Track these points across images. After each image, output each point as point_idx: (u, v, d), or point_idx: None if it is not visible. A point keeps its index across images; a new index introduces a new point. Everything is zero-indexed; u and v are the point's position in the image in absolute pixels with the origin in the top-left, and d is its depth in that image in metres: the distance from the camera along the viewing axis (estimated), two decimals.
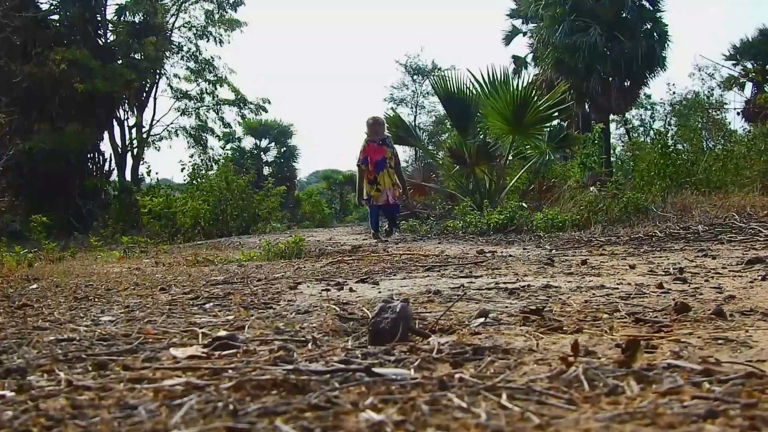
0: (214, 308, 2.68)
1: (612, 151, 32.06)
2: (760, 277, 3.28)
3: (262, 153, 43.74)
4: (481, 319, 2.10)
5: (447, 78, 14.08)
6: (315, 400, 1.20)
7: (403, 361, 1.54)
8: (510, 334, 1.87)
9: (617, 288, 3.08)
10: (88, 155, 26.68)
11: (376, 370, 1.41)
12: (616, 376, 1.29)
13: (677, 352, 1.56)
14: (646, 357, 1.51)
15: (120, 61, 26.41)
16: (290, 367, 1.43)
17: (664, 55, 29.85)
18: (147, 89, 28.84)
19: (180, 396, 1.28)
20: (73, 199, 23.51)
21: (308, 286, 3.62)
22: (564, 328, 1.95)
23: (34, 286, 4.79)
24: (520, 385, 1.26)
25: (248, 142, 43.74)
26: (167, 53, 28.79)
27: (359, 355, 1.61)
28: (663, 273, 3.73)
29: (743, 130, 24.31)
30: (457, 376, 1.34)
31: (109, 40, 27.68)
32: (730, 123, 30.71)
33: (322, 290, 3.35)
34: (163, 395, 1.30)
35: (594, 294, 2.89)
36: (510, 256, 5.50)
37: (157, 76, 29.23)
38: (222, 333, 1.86)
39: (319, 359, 1.60)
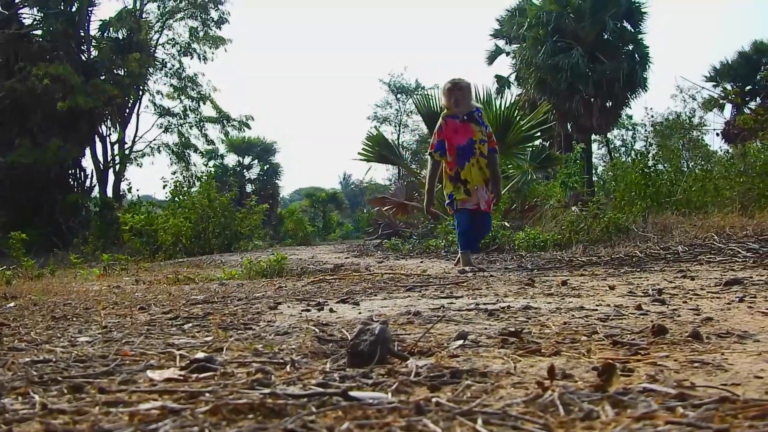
0: (193, 329, 2.67)
1: (594, 171, 32.31)
2: (737, 299, 3.30)
3: (245, 170, 43.74)
4: (460, 342, 2.10)
5: (430, 97, 14.11)
6: (291, 425, 1.20)
7: (381, 384, 1.53)
8: (488, 356, 1.88)
9: (596, 309, 3.09)
10: (70, 171, 26.61)
11: (354, 393, 1.41)
12: (592, 401, 1.29)
13: (653, 375, 1.56)
14: (622, 380, 1.51)
15: (103, 77, 26.36)
16: (267, 390, 1.42)
17: (645, 76, 30.15)
18: (130, 105, 28.83)
19: (155, 420, 1.27)
20: (53, 215, 23.39)
21: (288, 306, 3.61)
22: (542, 351, 1.96)
23: (12, 304, 4.74)
24: (497, 409, 1.26)
25: (231, 159, 43.76)
26: (150, 69, 28.75)
27: (337, 378, 1.61)
28: (642, 294, 3.74)
29: (722, 150, 24.53)
30: (434, 400, 1.34)
31: (92, 56, 27.65)
32: (709, 144, 31.00)
33: (303, 310, 3.35)
34: (139, 419, 1.29)
35: (573, 315, 2.90)
36: (491, 275, 5.51)
37: (140, 93, 29.20)
38: (200, 355, 1.85)
39: (297, 382, 1.59)
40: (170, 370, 1.73)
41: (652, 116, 37.53)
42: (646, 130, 41.07)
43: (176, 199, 17.69)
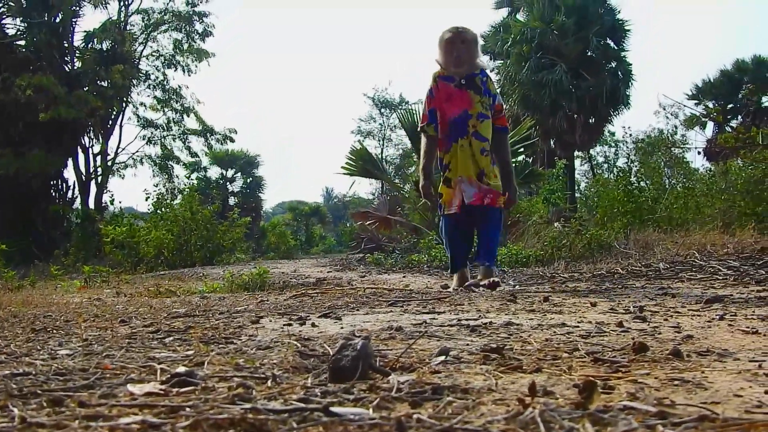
0: (174, 342, 2.66)
1: (576, 187, 32.46)
2: (718, 317, 3.32)
3: (228, 183, 43.66)
4: (442, 358, 2.10)
5: (414, 112, 14.14)
6: None
7: (362, 400, 1.53)
8: (470, 373, 1.88)
9: (578, 326, 3.10)
10: (52, 182, 26.44)
11: (335, 409, 1.41)
12: (572, 418, 1.30)
13: (634, 393, 1.57)
14: (603, 398, 1.52)
15: (86, 88, 26.27)
16: (248, 405, 1.42)
17: (628, 93, 30.41)
18: (113, 117, 28.71)
19: None
20: (34, 226, 23.24)
21: (270, 321, 3.60)
22: (524, 368, 1.96)
23: None
24: (478, 426, 1.26)
25: (214, 172, 43.67)
26: (134, 81, 28.69)
27: (318, 393, 1.61)
28: (623, 311, 3.76)
29: (704, 168, 24.71)
30: (415, 416, 1.34)
31: (76, 67, 27.55)
32: (692, 162, 31.20)
33: (284, 325, 3.34)
34: None
35: (555, 332, 2.91)
36: (472, 290, 5.52)
37: (124, 104, 29.12)
38: (181, 369, 1.84)
39: (278, 397, 1.59)
40: (151, 384, 1.73)
41: (631, 134, 37.79)
42: (627, 147, 41.34)
43: (158, 211, 17.64)
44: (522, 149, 15.10)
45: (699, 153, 31.70)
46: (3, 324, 3.98)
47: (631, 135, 38.36)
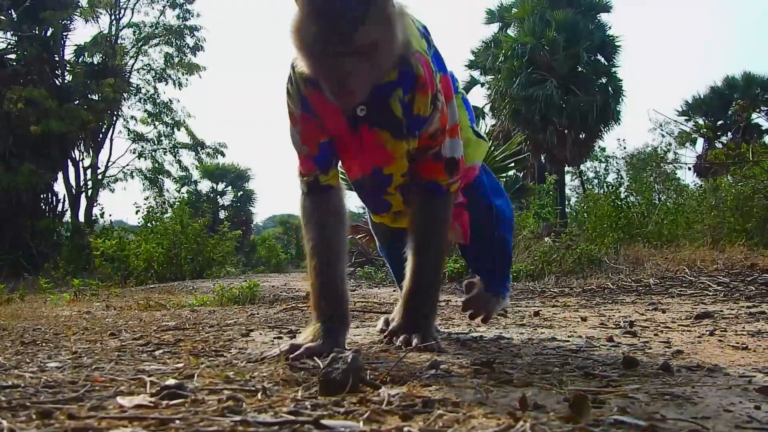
0: (164, 355, 2.65)
1: (567, 202, 32.53)
2: (707, 332, 3.33)
3: (218, 196, 43.55)
4: (432, 371, 2.10)
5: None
6: None
7: (353, 413, 1.53)
8: (460, 386, 1.88)
9: (568, 340, 3.11)
10: (42, 195, 26.34)
11: (325, 422, 1.40)
12: None
13: (624, 407, 1.57)
14: (593, 412, 1.52)
15: (77, 102, 26.22)
16: (238, 418, 1.41)
17: (618, 109, 30.54)
18: (103, 130, 28.65)
19: None
20: (24, 239, 23.14)
21: (261, 334, 3.59)
22: (514, 381, 1.96)
23: None
24: None
25: (205, 186, 43.55)
26: (125, 95, 28.66)
27: (309, 407, 1.60)
28: (614, 326, 3.77)
29: (694, 185, 24.82)
30: (405, 429, 1.34)
31: (66, 81, 27.50)
32: (682, 179, 31.34)
33: (275, 338, 3.33)
34: None
35: (545, 346, 2.91)
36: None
37: (114, 118, 29.07)
38: (171, 381, 1.83)
39: (269, 409, 1.58)
40: (140, 397, 1.72)
41: (625, 148, 37.98)
42: (618, 163, 41.50)
43: (149, 224, 17.60)
44: (512, 164, 15.15)
45: (689, 169, 31.82)
46: None
47: (625, 148, 38.54)
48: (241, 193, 44.12)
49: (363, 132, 2.49)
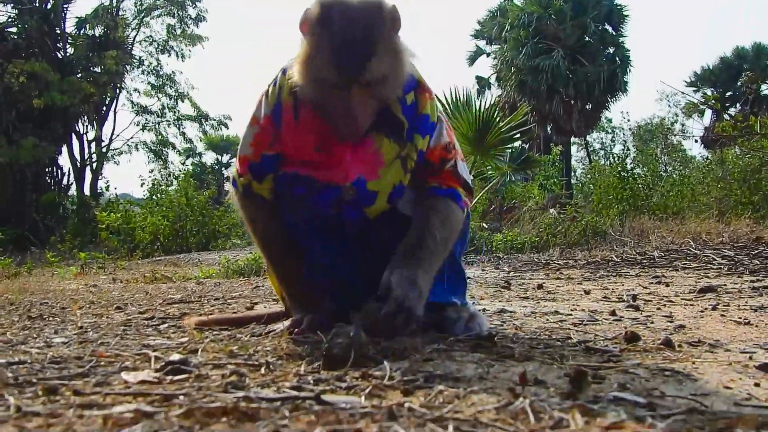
0: (169, 329, 2.67)
1: (572, 173, 32.49)
2: (710, 307, 3.34)
3: (223, 168, 43.59)
4: (434, 345, 2.11)
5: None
6: (263, 431, 1.20)
7: (355, 388, 1.54)
8: (462, 361, 1.89)
9: (571, 314, 3.12)
10: (47, 169, 26.38)
11: (327, 398, 1.42)
12: (563, 408, 1.31)
13: (624, 383, 1.58)
14: (593, 388, 1.53)
15: (79, 75, 26.17)
16: (241, 394, 1.43)
17: (625, 79, 30.39)
18: (107, 103, 28.62)
19: (129, 423, 1.27)
20: (30, 213, 23.20)
21: (265, 307, 3.62)
22: (515, 356, 1.97)
23: None
24: (468, 416, 1.27)
25: (209, 157, 43.59)
26: (128, 67, 28.59)
27: (311, 381, 1.62)
28: (617, 299, 3.78)
29: (701, 157, 24.72)
30: (406, 405, 1.35)
31: (68, 54, 27.43)
32: (689, 150, 31.24)
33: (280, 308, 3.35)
34: (113, 422, 1.29)
35: (548, 320, 2.93)
36: (468, 278, 5.53)
37: (117, 90, 29.03)
38: (175, 357, 1.85)
39: (271, 384, 1.60)
40: (145, 372, 1.74)
41: (629, 120, 37.87)
42: (624, 134, 41.39)
43: (154, 197, 17.64)
44: (518, 135, 15.08)
45: (696, 141, 31.72)
46: (0, 311, 4.00)
47: (629, 121, 38.42)
48: None
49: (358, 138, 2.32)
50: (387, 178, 2.39)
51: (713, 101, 25.27)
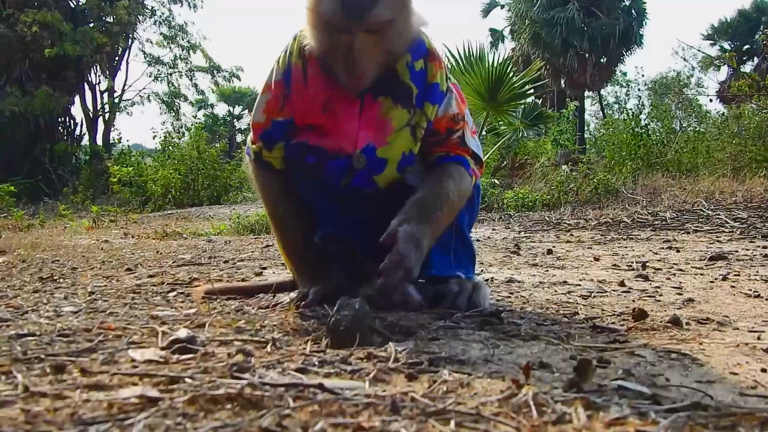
0: (177, 299, 2.69)
1: (586, 128, 32.29)
2: (720, 277, 3.33)
3: (235, 120, 43.55)
4: (441, 322, 2.12)
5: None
6: (266, 422, 1.21)
7: (359, 372, 1.55)
8: (468, 339, 1.89)
9: (579, 284, 3.12)
10: (59, 119, 26.40)
11: (331, 384, 1.42)
12: (566, 401, 1.31)
13: (629, 369, 1.58)
14: (598, 373, 1.53)
15: (91, 25, 26.05)
16: (245, 381, 1.43)
17: (641, 32, 30.03)
18: (119, 53, 28.52)
19: (134, 410, 1.28)
20: (43, 163, 23.29)
21: (273, 273, 3.63)
22: (521, 335, 1.98)
23: (1, 260, 4.77)
24: (470, 408, 1.28)
25: (221, 109, 43.54)
26: (140, 17, 28.42)
27: (316, 363, 1.62)
28: (626, 267, 3.78)
29: (717, 113, 24.49)
30: (410, 394, 1.35)
31: (80, 3, 27.28)
32: (705, 104, 30.95)
33: (287, 275, 3.36)
34: (118, 408, 1.30)
35: (556, 291, 2.93)
36: (478, 240, 5.54)
37: (130, 41, 28.91)
38: (182, 333, 1.86)
39: (277, 365, 1.60)
40: (151, 350, 1.75)
41: (643, 75, 37.53)
42: (639, 89, 41.05)
43: (166, 150, 17.66)
44: (531, 90, 14.97)
45: (711, 101, 31.38)
46: (11, 270, 4.03)
47: (643, 76, 38.09)
48: None
49: (366, 101, 2.33)
50: (396, 145, 2.36)
51: (729, 58, 25.00)
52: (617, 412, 1.25)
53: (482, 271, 3.60)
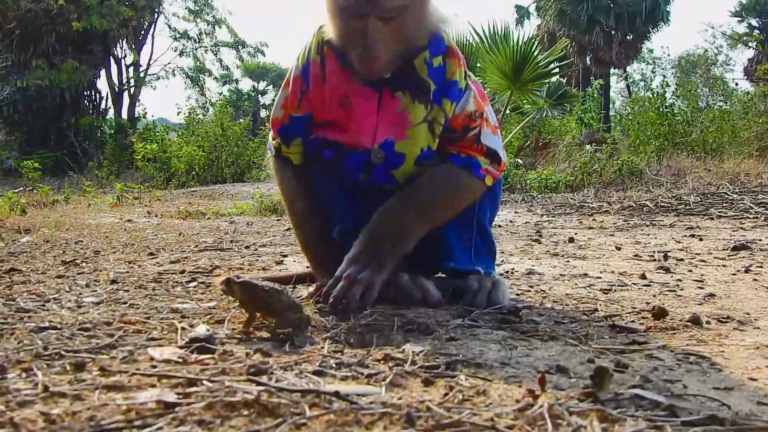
0: (198, 289, 2.70)
1: (611, 105, 32.04)
2: (743, 269, 3.31)
3: (259, 95, 43.61)
4: (459, 321, 2.12)
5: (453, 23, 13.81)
6: (283, 429, 1.22)
7: (376, 376, 1.55)
8: (485, 340, 1.89)
9: (600, 277, 3.11)
10: (85, 93, 26.57)
11: (347, 390, 1.43)
12: (581, 413, 1.31)
13: (646, 375, 1.57)
14: (615, 378, 1.53)
15: None
16: (262, 387, 1.44)
17: (668, 9, 29.73)
18: (145, 28, 28.62)
19: (151, 416, 1.30)
20: (68, 137, 23.46)
21: (294, 261, 3.64)
22: (539, 334, 1.97)
23: (25, 239, 4.82)
24: (485, 420, 1.28)
25: (246, 84, 43.65)
26: None
27: (333, 365, 1.63)
28: (648, 258, 3.75)
29: (742, 91, 24.18)
30: (425, 403, 1.36)
31: None
32: (733, 81, 30.51)
33: (307, 266, 3.37)
34: (136, 413, 1.31)
35: (576, 284, 2.92)
36: (499, 225, 5.52)
37: (156, 15, 28.99)
38: (200, 330, 1.87)
39: (294, 367, 1.61)
40: (170, 349, 1.76)
41: (669, 55, 37.15)
42: (664, 68, 40.64)
43: (190, 126, 17.73)
44: (556, 69, 14.85)
45: (737, 85, 30.91)
46: (35, 253, 4.06)
47: (669, 56, 37.72)
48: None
49: (384, 96, 2.35)
50: (415, 139, 2.36)
51: (755, 40, 24.63)
52: (632, 426, 1.24)
53: (503, 261, 3.59)
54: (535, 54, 13.38)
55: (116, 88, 28.15)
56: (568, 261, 3.65)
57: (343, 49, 2.26)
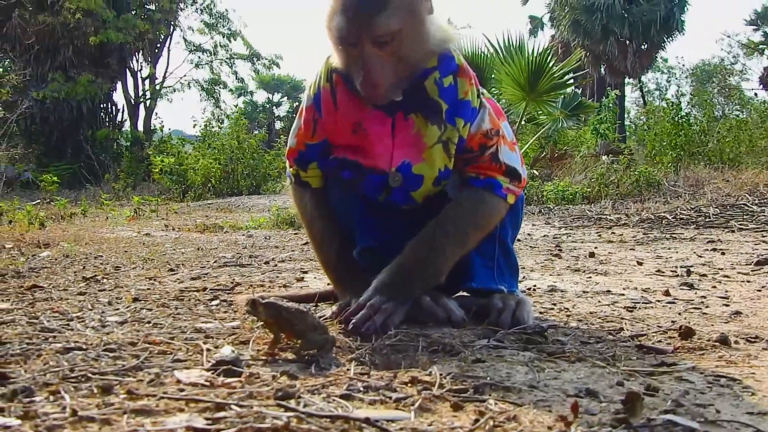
0: (220, 307, 2.70)
1: (627, 115, 31.94)
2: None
3: (274, 107, 43.77)
4: (485, 341, 2.10)
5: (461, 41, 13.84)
6: None
7: (404, 400, 1.54)
8: (512, 361, 1.88)
9: (623, 294, 3.08)
10: (101, 105, 26.76)
11: (375, 415, 1.42)
12: None
13: (677, 399, 1.56)
14: (646, 402, 1.51)
15: (134, 12, 26.36)
16: (291, 413, 1.44)
17: (682, 18, 29.64)
18: (161, 41, 28.80)
19: None
20: (84, 150, 23.60)
21: (315, 278, 3.64)
22: (566, 354, 1.96)
23: (45, 254, 4.83)
24: None
25: (260, 96, 43.80)
26: (181, 5, 28.66)
27: (361, 389, 1.62)
28: (671, 273, 3.72)
29: (758, 101, 24.06)
30: (455, 430, 1.35)
31: None
32: (751, 90, 30.35)
33: (328, 284, 3.36)
34: None
35: (600, 301, 2.90)
36: (518, 240, 5.50)
37: (171, 28, 29.17)
38: (226, 352, 1.86)
39: (321, 390, 1.61)
40: (197, 371, 1.76)
41: (684, 65, 37.06)
42: (678, 77, 40.54)
43: (206, 139, 17.80)
44: (571, 80, 14.82)
45: (755, 95, 30.76)
46: (55, 268, 4.08)
47: (684, 66, 37.65)
48: (297, 103, 44.29)
49: (397, 120, 2.35)
50: (431, 162, 2.37)
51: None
52: None
53: (524, 277, 3.57)
54: (550, 65, 13.36)
55: (132, 101, 28.33)
56: (590, 277, 3.63)
57: (348, 77, 2.27)
